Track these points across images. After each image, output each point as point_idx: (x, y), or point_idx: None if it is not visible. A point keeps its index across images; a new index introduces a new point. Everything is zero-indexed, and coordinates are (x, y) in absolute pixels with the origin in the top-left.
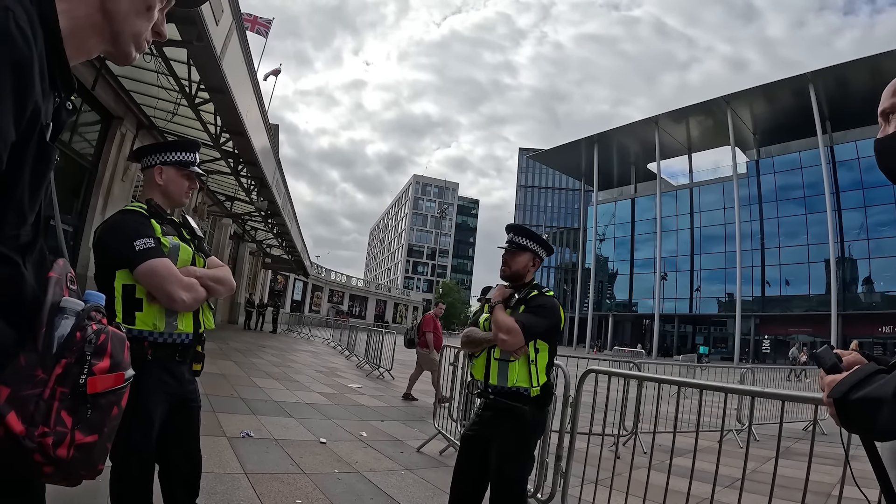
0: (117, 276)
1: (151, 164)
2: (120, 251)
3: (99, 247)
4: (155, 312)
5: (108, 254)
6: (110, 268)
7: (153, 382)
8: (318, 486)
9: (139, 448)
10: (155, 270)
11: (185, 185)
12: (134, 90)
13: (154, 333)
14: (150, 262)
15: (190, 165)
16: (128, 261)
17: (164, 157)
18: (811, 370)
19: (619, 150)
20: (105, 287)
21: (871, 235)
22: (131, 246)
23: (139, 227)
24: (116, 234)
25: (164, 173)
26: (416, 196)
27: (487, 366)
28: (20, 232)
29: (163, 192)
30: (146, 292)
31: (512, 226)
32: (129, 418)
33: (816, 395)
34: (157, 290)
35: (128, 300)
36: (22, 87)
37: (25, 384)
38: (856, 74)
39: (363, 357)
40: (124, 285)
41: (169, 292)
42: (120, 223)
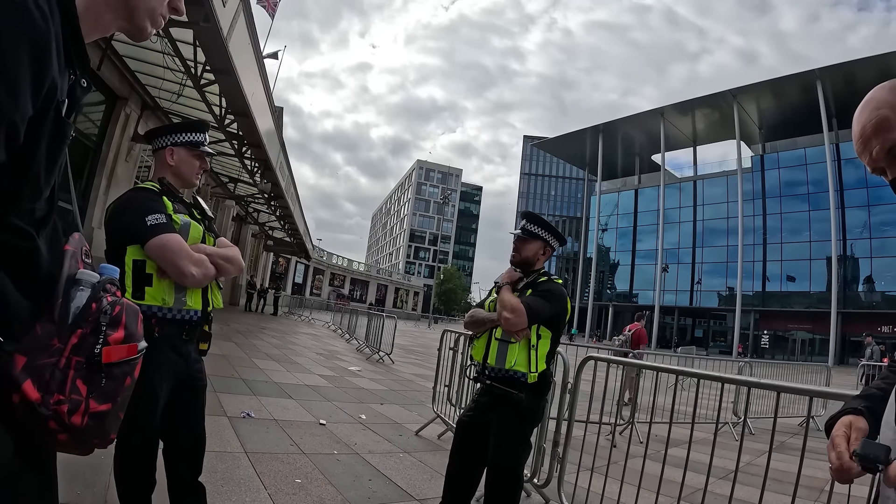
0: (128, 251)
1: (162, 145)
2: (132, 226)
3: (111, 222)
4: (164, 288)
5: (119, 229)
6: (121, 243)
7: (160, 359)
8: (317, 467)
9: (143, 424)
10: (166, 245)
11: (197, 166)
12: (139, 71)
13: (163, 309)
14: (161, 236)
15: (200, 146)
16: (139, 235)
17: (175, 137)
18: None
19: (624, 141)
20: (116, 263)
21: (874, 234)
22: (143, 221)
23: (151, 203)
24: (128, 209)
25: (175, 154)
26: (420, 181)
27: (487, 346)
28: (35, 206)
29: (174, 173)
30: (156, 268)
31: (526, 213)
32: (134, 395)
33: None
34: (168, 265)
35: (138, 275)
36: (40, 63)
37: (42, 353)
38: (864, 73)
39: (363, 341)
40: (135, 260)
41: (179, 267)
42: (132, 199)
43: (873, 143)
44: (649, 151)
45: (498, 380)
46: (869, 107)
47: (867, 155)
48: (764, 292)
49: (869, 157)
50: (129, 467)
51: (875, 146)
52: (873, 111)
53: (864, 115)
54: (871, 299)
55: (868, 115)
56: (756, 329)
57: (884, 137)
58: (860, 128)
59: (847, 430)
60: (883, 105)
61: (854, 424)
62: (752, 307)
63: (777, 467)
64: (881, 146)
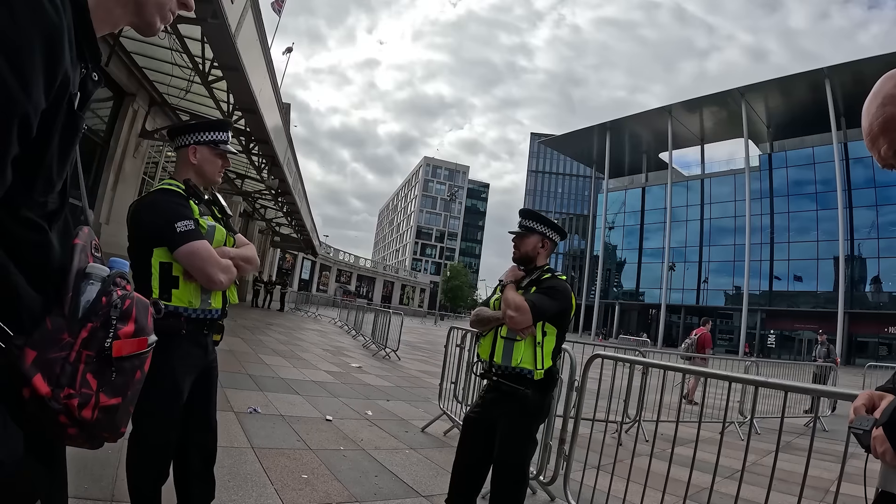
0: (154, 253)
1: (185, 143)
2: (160, 230)
3: (136, 223)
4: (191, 290)
5: (146, 231)
6: (147, 245)
7: (183, 355)
8: (323, 462)
9: (166, 418)
10: (196, 253)
11: (219, 164)
12: (147, 67)
13: (189, 310)
14: (190, 244)
15: (223, 144)
16: (168, 241)
17: (198, 136)
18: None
19: (632, 139)
20: (141, 263)
21: (882, 235)
22: (172, 227)
23: (179, 207)
24: (157, 213)
25: (197, 152)
26: (427, 178)
27: (493, 344)
28: (48, 199)
29: (197, 171)
30: (182, 271)
31: (522, 210)
32: (158, 389)
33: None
34: (198, 272)
35: (165, 277)
36: (52, 56)
37: (52, 347)
38: (873, 71)
39: (370, 337)
40: (161, 263)
41: (209, 274)
42: (161, 203)
43: (881, 141)
44: (657, 149)
45: (504, 377)
46: (876, 102)
47: (876, 152)
48: (771, 292)
49: (878, 154)
50: (147, 460)
51: (883, 145)
52: (880, 108)
53: (872, 112)
54: (879, 300)
55: (875, 112)
56: (762, 328)
57: (891, 137)
58: (868, 125)
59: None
60: (889, 101)
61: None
62: (759, 306)
63: (782, 467)
64: (888, 145)
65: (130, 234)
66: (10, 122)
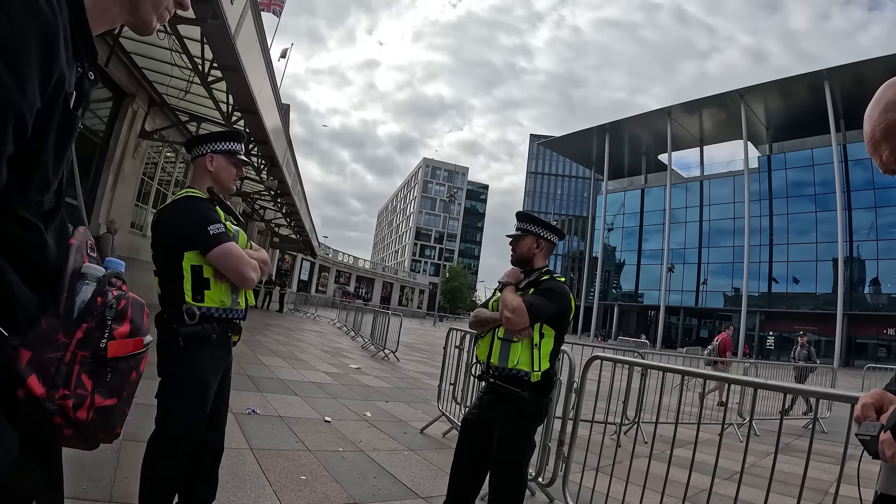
0: (185, 256)
1: (203, 152)
2: (193, 234)
3: (165, 229)
4: (223, 290)
5: (178, 236)
6: (178, 249)
7: (211, 357)
8: (322, 464)
9: (193, 419)
10: (231, 253)
11: (234, 172)
12: (147, 67)
13: (220, 310)
14: (224, 245)
15: (238, 154)
16: (202, 243)
17: (215, 145)
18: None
19: (631, 140)
20: (170, 267)
21: (881, 236)
22: (205, 230)
23: (209, 212)
24: (188, 217)
25: (214, 161)
26: (426, 179)
27: (491, 346)
28: (43, 199)
29: (213, 179)
30: (213, 272)
31: (518, 213)
32: (188, 389)
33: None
34: (232, 271)
35: (196, 280)
36: (48, 54)
37: (47, 348)
38: (873, 73)
39: (368, 338)
40: (192, 266)
41: (242, 273)
42: (193, 208)
43: (883, 147)
44: (656, 151)
45: (502, 378)
46: (878, 108)
47: (878, 157)
48: (770, 293)
49: (879, 159)
50: (170, 461)
51: (885, 151)
52: (882, 115)
53: (874, 118)
54: (878, 301)
55: (877, 118)
56: (762, 330)
57: (893, 143)
58: (870, 130)
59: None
60: (891, 108)
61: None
62: (758, 308)
63: (781, 468)
64: (890, 151)
65: (157, 240)
66: (5, 121)
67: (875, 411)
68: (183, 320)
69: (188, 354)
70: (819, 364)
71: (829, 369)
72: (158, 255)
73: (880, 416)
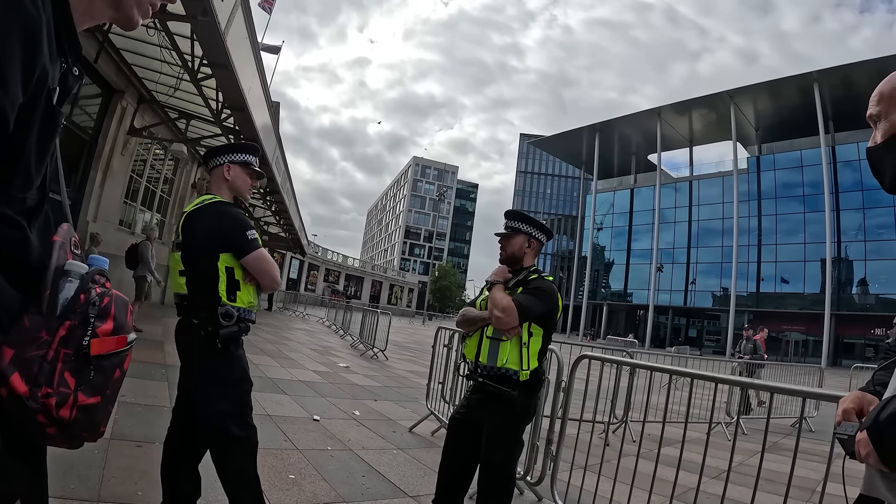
0: (221, 258)
1: (220, 162)
2: (233, 237)
3: (204, 231)
4: (251, 291)
5: (217, 238)
6: (214, 251)
7: (243, 354)
8: (310, 463)
9: (248, 413)
10: (265, 257)
11: (249, 182)
12: (136, 64)
13: (247, 310)
14: (260, 250)
15: (253, 165)
16: (239, 247)
17: (232, 156)
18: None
19: (621, 140)
20: (205, 269)
21: (869, 237)
22: (244, 235)
23: (245, 217)
24: (229, 221)
25: (231, 170)
26: (416, 178)
27: (479, 345)
28: (26, 195)
29: (230, 187)
30: (242, 274)
31: (508, 212)
32: (239, 389)
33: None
34: (265, 274)
35: (230, 281)
36: (30, 50)
37: (29, 346)
38: (862, 75)
39: (358, 337)
40: (227, 267)
41: (274, 275)
42: (230, 212)
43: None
44: (646, 151)
45: (490, 378)
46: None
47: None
48: (758, 293)
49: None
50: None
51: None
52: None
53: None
54: (865, 301)
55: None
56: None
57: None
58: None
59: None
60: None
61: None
62: (747, 308)
63: (769, 467)
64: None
65: (192, 242)
66: None
67: (856, 415)
68: (219, 322)
69: (230, 355)
70: (767, 360)
71: (817, 369)
72: (192, 256)
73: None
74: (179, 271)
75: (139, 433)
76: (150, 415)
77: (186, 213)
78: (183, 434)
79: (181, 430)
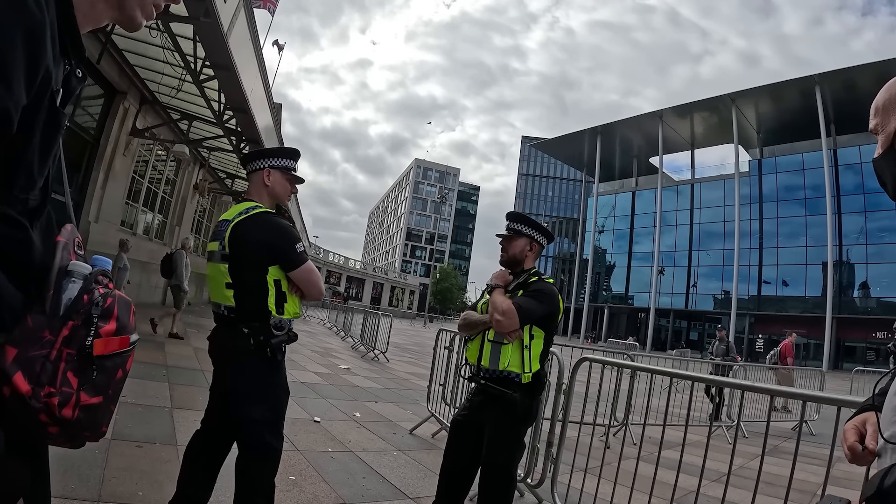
0: (270, 271)
1: (260, 167)
2: (283, 250)
3: (254, 244)
4: (296, 302)
5: (268, 251)
6: (264, 263)
7: (284, 362)
8: (311, 464)
9: (281, 424)
10: (313, 270)
11: (289, 188)
12: (138, 65)
13: (292, 321)
14: (308, 262)
15: (293, 171)
16: (289, 260)
17: (273, 161)
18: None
19: (622, 143)
20: (254, 282)
21: (871, 241)
22: (293, 248)
23: (294, 230)
24: (279, 234)
25: (271, 176)
26: (417, 180)
27: (481, 348)
28: (29, 196)
29: (270, 193)
30: (288, 285)
31: (510, 213)
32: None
33: (805, 392)
34: (312, 286)
35: (278, 294)
36: (34, 51)
37: (32, 345)
38: (863, 79)
39: (359, 339)
40: (275, 280)
41: (320, 287)
42: (279, 225)
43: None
44: (647, 154)
45: (492, 380)
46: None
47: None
48: (759, 296)
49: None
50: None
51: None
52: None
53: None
54: (867, 305)
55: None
56: (751, 333)
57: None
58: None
59: (860, 425)
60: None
61: (870, 420)
62: (748, 311)
63: (770, 470)
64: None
65: (241, 255)
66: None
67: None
68: (270, 332)
69: (276, 364)
70: (740, 362)
71: (818, 372)
72: (241, 270)
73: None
74: (226, 284)
75: (139, 434)
76: (151, 415)
77: (233, 223)
78: (211, 438)
79: (210, 434)
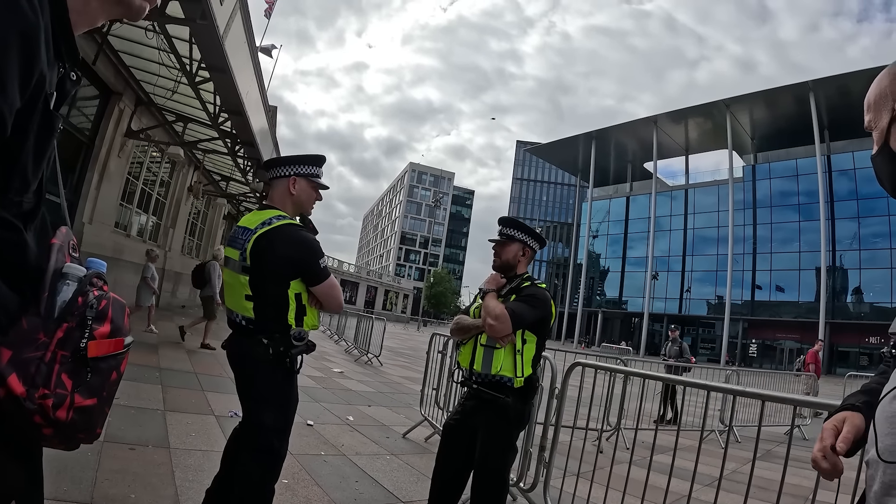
0: (292, 285)
1: (285, 174)
2: (308, 265)
3: (278, 258)
4: (315, 314)
5: (292, 266)
6: (287, 277)
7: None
8: (304, 468)
9: (287, 430)
10: (335, 285)
11: (314, 196)
12: (134, 66)
13: (310, 332)
14: (331, 277)
15: (319, 178)
16: (313, 275)
17: (299, 168)
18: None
19: (617, 148)
20: (276, 295)
21: (864, 246)
22: (318, 264)
23: (318, 245)
24: (304, 249)
25: (297, 184)
26: (412, 184)
27: (473, 352)
28: (23, 199)
29: (294, 202)
30: (308, 298)
31: (502, 218)
32: (291, 408)
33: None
34: (333, 301)
35: (298, 307)
36: (28, 54)
37: (27, 347)
38: (857, 85)
39: (352, 342)
40: (296, 294)
41: (340, 301)
42: (304, 239)
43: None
44: (642, 159)
45: (485, 385)
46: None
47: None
48: (753, 301)
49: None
50: (276, 472)
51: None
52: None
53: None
54: (860, 310)
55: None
56: (744, 338)
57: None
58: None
59: (839, 424)
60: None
61: (849, 420)
62: (741, 316)
63: (762, 475)
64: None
65: (264, 268)
66: None
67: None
68: (290, 343)
69: (292, 374)
70: (694, 362)
71: (811, 377)
72: (263, 283)
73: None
74: (246, 295)
75: (132, 436)
76: (144, 418)
77: (256, 235)
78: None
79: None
